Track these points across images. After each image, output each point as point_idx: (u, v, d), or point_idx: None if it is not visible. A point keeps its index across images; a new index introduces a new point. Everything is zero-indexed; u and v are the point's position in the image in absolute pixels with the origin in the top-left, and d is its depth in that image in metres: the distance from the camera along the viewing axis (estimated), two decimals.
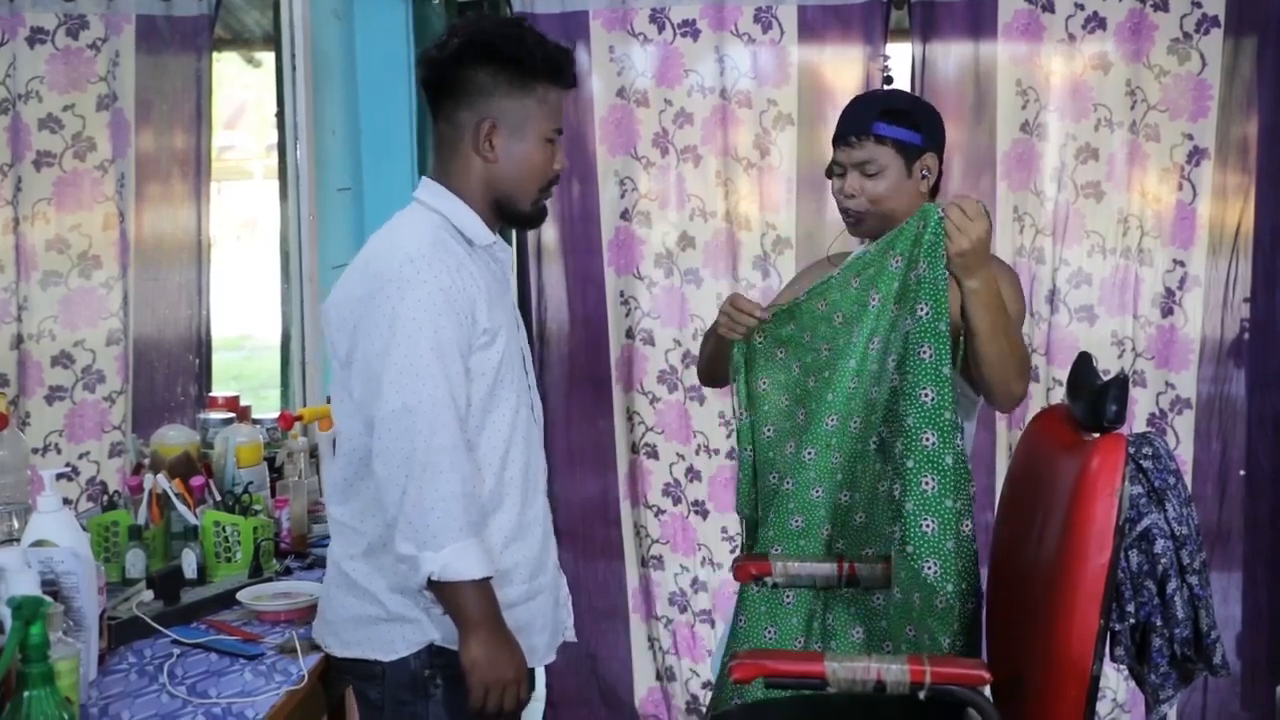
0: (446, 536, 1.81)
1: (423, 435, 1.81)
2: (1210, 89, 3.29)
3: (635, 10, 3.42)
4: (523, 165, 1.97)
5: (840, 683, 1.93)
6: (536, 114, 1.96)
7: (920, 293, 2.09)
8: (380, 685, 1.96)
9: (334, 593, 2.00)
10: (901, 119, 2.30)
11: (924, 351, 2.07)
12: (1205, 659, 2.02)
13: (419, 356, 1.82)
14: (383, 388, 1.83)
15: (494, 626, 1.86)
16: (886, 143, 2.29)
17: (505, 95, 1.94)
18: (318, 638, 2.04)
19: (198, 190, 3.48)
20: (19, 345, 3.31)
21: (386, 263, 1.88)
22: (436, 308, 1.84)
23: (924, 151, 2.31)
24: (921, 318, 2.08)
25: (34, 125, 3.29)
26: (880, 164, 2.29)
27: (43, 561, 1.79)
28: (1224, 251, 3.34)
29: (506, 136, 1.95)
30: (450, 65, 1.95)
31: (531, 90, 1.95)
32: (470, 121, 1.95)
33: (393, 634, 1.93)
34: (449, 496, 1.81)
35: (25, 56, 3.28)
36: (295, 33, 3.44)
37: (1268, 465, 3.38)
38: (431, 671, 1.93)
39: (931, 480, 2.05)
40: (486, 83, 1.94)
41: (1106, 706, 3.42)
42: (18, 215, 3.29)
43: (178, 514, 2.45)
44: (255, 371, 7.62)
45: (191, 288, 3.51)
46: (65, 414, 3.37)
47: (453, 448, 1.82)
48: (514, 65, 1.94)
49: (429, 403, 1.81)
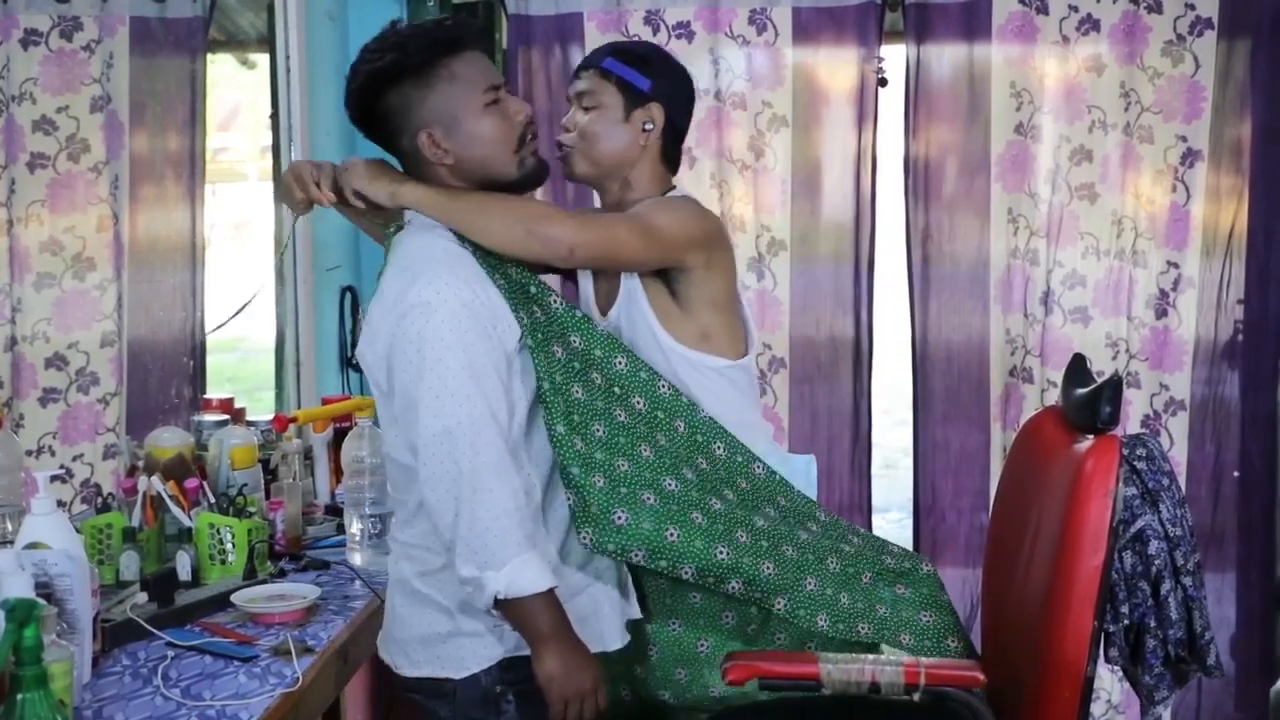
0: (506, 553, 1.79)
1: (466, 456, 1.79)
2: (1204, 91, 3.29)
3: (630, 12, 3.42)
4: (479, 145, 1.93)
5: (835, 684, 1.94)
6: (457, 94, 1.91)
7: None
8: (451, 703, 1.94)
9: (402, 611, 1.98)
10: (634, 62, 2.19)
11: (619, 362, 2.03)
12: (1199, 660, 2.02)
13: (452, 377, 1.80)
14: (420, 413, 1.81)
15: (565, 637, 1.84)
16: (611, 79, 2.18)
17: (419, 101, 1.91)
18: (386, 657, 2.03)
19: (192, 192, 3.48)
20: (13, 347, 3.30)
21: (406, 290, 1.85)
22: (462, 325, 1.82)
23: (649, 100, 2.18)
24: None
25: (28, 127, 3.28)
26: (599, 99, 2.17)
27: (36, 564, 1.78)
28: (1217, 253, 3.35)
29: (448, 133, 1.92)
30: (363, 109, 1.94)
31: (438, 77, 1.91)
32: (411, 143, 1.93)
33: (463, 650, 1.92)
34: (502, 513, 1.79)
35: (19, 58, 3.27)
36: (289, 34, 3.44)
37: (1261, 466, 3.39)
38: (503, 688, 1.92)
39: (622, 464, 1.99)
40: (399, 102, 1.92)
41: (1101, 708, 3.43)
42: (11, 217, 3.28)
43: (172, 516, 2.44)
44: (250, 373, 7.62)
45: (186, 289, 3.51)
46: (59, 416, 3.36)
47: (498, 463, 1.81)
48: (409, 71, 1.90)
49: (468, 422, 1.79)
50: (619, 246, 2.07)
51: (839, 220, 3.47)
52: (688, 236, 2.12)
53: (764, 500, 2.10)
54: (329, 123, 3.63)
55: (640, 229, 2.09)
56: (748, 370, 2.23)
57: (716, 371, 2.17)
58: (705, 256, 2.14)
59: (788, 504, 2.12)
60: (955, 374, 3.50)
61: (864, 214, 3.45)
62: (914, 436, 3.54)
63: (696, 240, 2.13)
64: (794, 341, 3.49)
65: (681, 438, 2.06)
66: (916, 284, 3.47)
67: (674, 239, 2.11)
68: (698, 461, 2.06)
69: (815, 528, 2.12)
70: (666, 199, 2.20)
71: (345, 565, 2.49)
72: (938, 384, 3.50)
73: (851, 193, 3.45)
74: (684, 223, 2.13)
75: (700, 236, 2.14)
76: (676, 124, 2.22)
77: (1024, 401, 3.41)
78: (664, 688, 2.19)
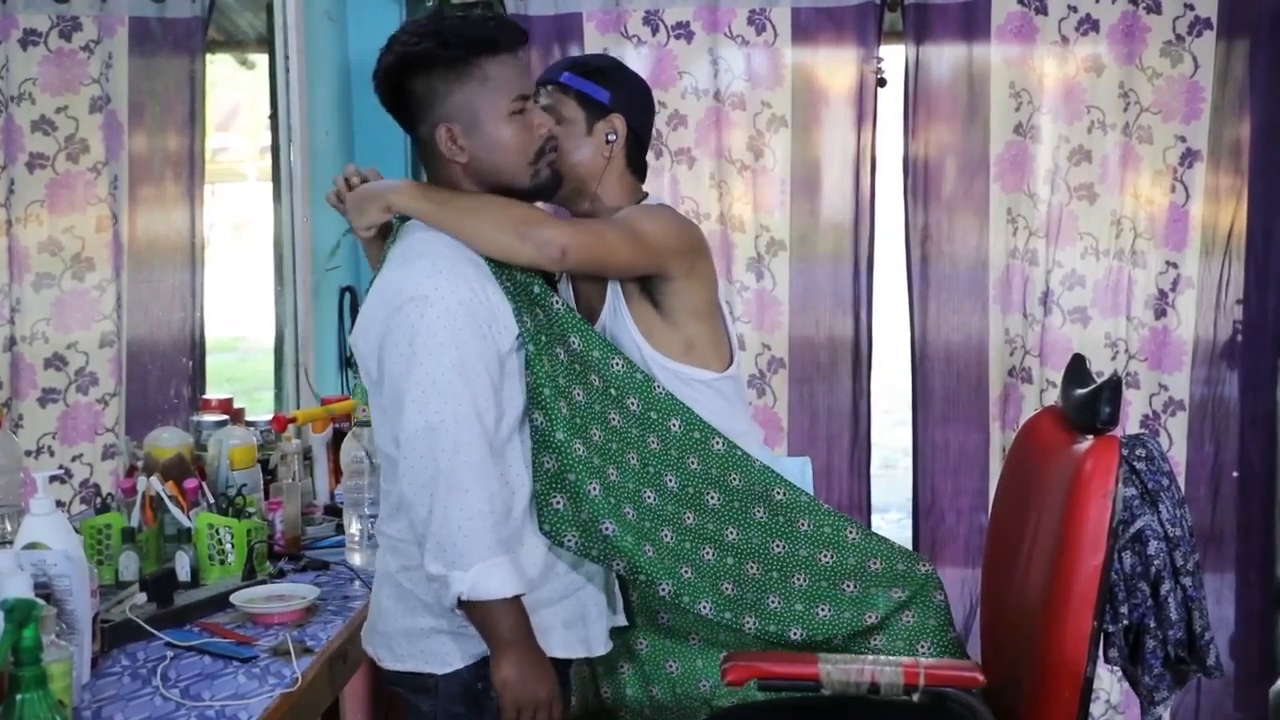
0: (475, 555, 1.79)
1: (446, 454, 1.79)
2: (1203, 91, 3.30)
3: (629, 12, 3.42)
4: (497, 151, 1.93)
5: (834, 685, 1.93)
6: (485, 95, 1.90)
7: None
8: (433, 697, 1.95)
9: (387, 605, 1.99)
10: (592, 74, 2.20)
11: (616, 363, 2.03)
12: (1199, 660, 2.02)
13: (441, 374, 1.80)
14: (405, 406, 1.81)
15: (525, 645, 1.84)
16: (570, 93, 2.18)
17: (447, 93, 1.90)
18: (370, 650, 2.03)
19: (191, 192, 3.47)
20: (12, 348, 3.30)
21: (404, 282, 1.85)
22: (457, 323, 1.81)
23: (609, 111, 2.18)
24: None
25: (27, 127, 3.27)
26: (560, 113, 2.16)
27: (35, 564, 1.78)
28: (1216, 253, 3.35)
29: (467, 132, 1.91)
30: (389, 86, 1.93)
31: (469, 75, 1.90)
32: (429, 133, 1.93)
33: (446, 646, 1.92)
34: (475, 514, 1.79)
35: (18, 58, 3.27)
36: (288, 34, 3.44)
37: (1260, 467, 3.39)
38: (484, 685, 1.91)
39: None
40: (424, 90, 1.91)
41: (1100, 708, 3.43)
42: (10, 217, 3.28)
43: (171, 516, 2.44)
44: (249, 374, 7.62)
45: (185, 290, 3.50)
46: (58, 416, 3.35)
47: (478, 464, 1.80)
48: (441, 62, 1.89)
49: (452, 420, 1.79)
50: (609, 250, 2.07)
51: (838, 220, 3.47)
52: (671, 244, 2.13)
53: (756, 499, 2.09)
54: (328, 123, 3.63)
55: (627, 234, 2.09)
56: (736, 380, 2.24)
57: (704, 384, 2.17)
58: (688, 264, 2.15)
59: (785, 498, 2.11)
60: (954, 374, 3.50)
61: (863, 214, 3.45)
62: (913, 436, 3.54)
63: (679, 248, 2.14)
64: (793, 341, 3.49)
65: (675, 437, 2.06)
66: (916, 284, 3.47)
67: (659, 245, 2.11)
68: (688, 462, 2.07)
69: (806, 525, 2.11)
70: (646, 207, 2.21)
71: (344, 565, 2.49)
72: (937, 384, 3.50)
73: (851, 193, 3.45)
74: (666, 230, 2.14)
75: (682, 244, 2.15)
76: (639, 133, 2.23)
77: (1023, 402, 3.41)
78: (655, 683, 2.20)
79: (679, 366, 2.16)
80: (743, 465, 2.10)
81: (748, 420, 2.29)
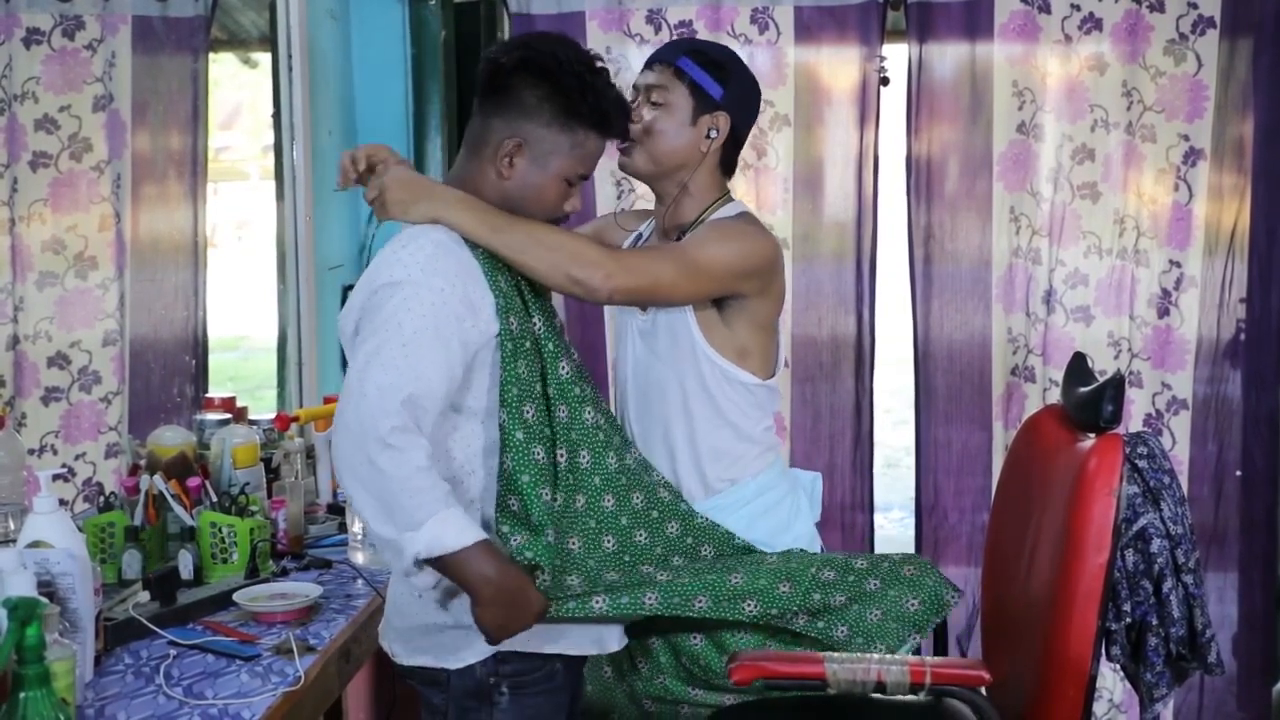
0: (423, 512, 1.75)
1: (372, 417, 1.74)
2: (1206, 90, 3.29)
3: (631, 11, 3.42)
4: (532, 194, 1.94)
5: (840, 683, 1.93)
6: (566, 153, 1.92)
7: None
8: (445, 691, 1.95)
9: (401, 601, 1.98)
10: (710, 66, 2.17)
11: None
12: (1200, 658, 2.02)
13: (387, 346, 1.78)
14: (349, 372, 1.81)
15: (498, 584, 1.80)
16: (684, 79, 2.15)
17: (543, 123, 1.91)
18: (384, 644, 2.03)
19: (194, 191, 3.48)
20: (15, 346, 3.30)
21: (382, 269, 1.86)
22: (421, 308, 1.80)
23: (718, 108, 2.16)
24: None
25: (30, 126, 3.28)
26: (668, 96, 2.15)
27: (38, 562, 1.79)
28: (1220, 252, 3.35)
29: (528, 162, 1.92)
30: (506, 73, 1.92)
31: (571, 130, 1.92)
32: (500, 133, 1.92)
33: (459, 641, 1.92)
34: (415, 472, 1.75)
35: (21, 57, 3.28)
36: (291, 33, 3.44)
37: (1263, 465, 3.39)
38: (496, 680, 1.92)
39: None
40: (530, 103, 1.91)
41: (1103, 707, 3.43)
42: (14, 216, 3.28)
43: (174, 515, 2.44)
44: (252, 372, 7.63)
45: (188, 288, 3.51)
46: (61, 415, 3.36)
47: (403, 430, 1.75)
48: (563, 98, 1.90)
49: (389, 387, 1.75)
50: (663, 289, 2.06)
51: (841, 219, 3.47)
52: (745, 268, 2.11)
53: (704, 536, 2.08)
54: (331, 121, 3.63)
55: (688, 267, 2.06)
56: (773, 390, 2.23)
57: (746, 387, 2.17)
58: (761, 284, 2.14)
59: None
60: (957, 373, 3.49)
61: (866, 213, 3.44)
62: (916, 435, 3.54)
63: (753, 270, 2.12)
64: (796, 340, 3.48)
65: (631, 464, 2.03)
66: (918, 283, 3.47)
67: (726, 272, 2.09)
68: (659, 492, 2.06)
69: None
70: (726, 225, 2.16)
71: (347, 564, 2.49)
72: (940, 383, 3.49)
73: (853, 192, 3.44)
74: (740, 253, 2.11)
75: (757, 266, 2.13)
76: (739, 134, 2.22)
77: (1026, 401, 3.41)
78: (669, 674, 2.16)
79: (728, 366, 2.15)
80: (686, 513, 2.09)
81: (769, 429, 2.26)
